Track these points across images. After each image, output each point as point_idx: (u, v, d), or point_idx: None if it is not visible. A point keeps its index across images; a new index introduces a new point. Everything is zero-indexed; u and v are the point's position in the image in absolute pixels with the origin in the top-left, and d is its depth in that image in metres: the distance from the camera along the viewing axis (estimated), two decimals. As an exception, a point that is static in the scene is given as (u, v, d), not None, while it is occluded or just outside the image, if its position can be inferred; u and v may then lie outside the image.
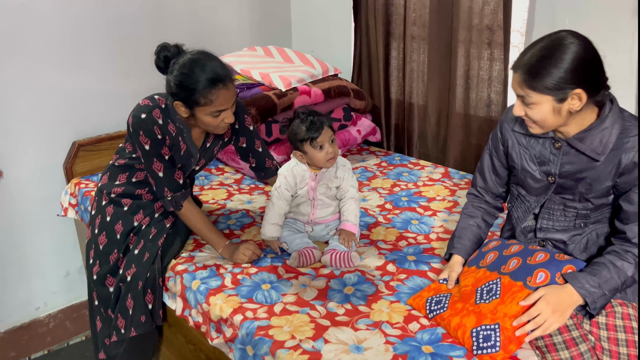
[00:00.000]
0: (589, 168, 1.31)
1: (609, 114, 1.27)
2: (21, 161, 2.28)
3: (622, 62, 1.90)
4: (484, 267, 1.43)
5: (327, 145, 1.66)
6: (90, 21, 2.33)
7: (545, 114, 1.24)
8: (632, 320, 1.33)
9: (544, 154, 1.37)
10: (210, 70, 1.50)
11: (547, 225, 1.43)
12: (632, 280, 1.27)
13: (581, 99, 1.21)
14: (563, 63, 1.18)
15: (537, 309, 1.22)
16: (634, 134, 1.26)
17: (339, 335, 1.36)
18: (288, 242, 1.75)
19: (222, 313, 1.48)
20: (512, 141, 1.44)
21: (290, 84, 2.39)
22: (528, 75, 1.21)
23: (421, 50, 2.55)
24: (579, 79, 1.19)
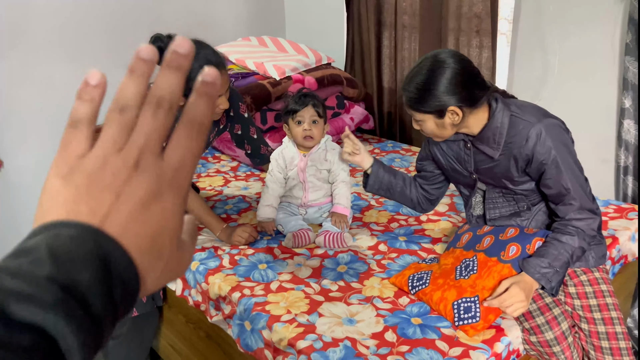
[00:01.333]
0: (494, 164, 1.41)
1: (495, 112, 1.36)
2: (22, 152, 2.33)
3: (605, 47, 1.97)
4: (460, 247, 1.51)
5: (306, 123, 1.74)
6: (90, 14, 2.38)
7: (432, 129, 1.38)
8: (601, 284, 1.40)
9: (460, 155, 1.48)
10: (202, 58, 1.55)
11: (495, 214, 1.51)
12: (580, 250, 1.34)
13: (457, 113, 1.32)
14: (437, 88, 1.29)
15: (510, 294, 1.28)
16: (520, 127, 1.34)
17: (333, 309, 1.43)
18: (283, 224, 1.82)
19: (221, 291, 1.55)
20: (436, 148, 1.55)
21: (284, 72, 2.45)
22: (409, 100, 1.36)
23: (412, 38, 2.61)
24: (452, 99, 1.30)
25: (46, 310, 0.26)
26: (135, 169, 0.32)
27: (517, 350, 1.35)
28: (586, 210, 1.35)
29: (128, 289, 0.31)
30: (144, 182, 0.32)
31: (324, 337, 1.31)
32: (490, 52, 2.28)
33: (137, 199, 0.32)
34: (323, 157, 1.81)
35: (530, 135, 1.31)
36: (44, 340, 0.26)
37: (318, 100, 1.77)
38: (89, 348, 0.28)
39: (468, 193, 1.56)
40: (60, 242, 0.29)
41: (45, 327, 0.26)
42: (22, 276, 0.27)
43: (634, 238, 1.77)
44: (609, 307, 1.36)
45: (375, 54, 2.74)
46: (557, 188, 1.34)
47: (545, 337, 1.30)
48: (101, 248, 0.30)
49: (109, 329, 0.30)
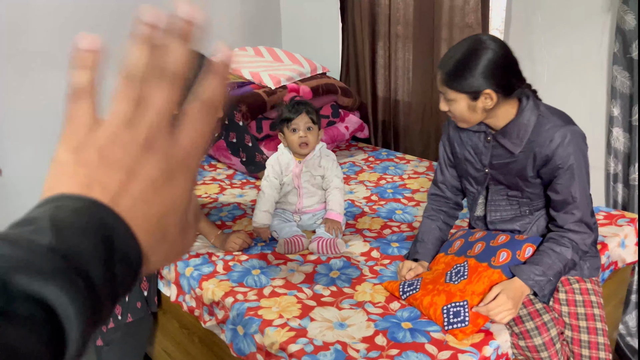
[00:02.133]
0: (512, 161, 1.42)
1: (525, 109, 1.38)
2: (20, 159, 2.35)
3: (593, 56, 2.00)
4: (452, 253, 1.53)
5: (301, 130, 1.76)
6: (87, 22, 2.42)
7: (462, 110, 1.36)
8: (591, 295, 1.42)
9: (479, 146, 1.48)
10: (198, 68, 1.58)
11: (496, 217, 1.52)
12: (572, 262, 1.37)
13: (492, 98, 1.32)
14: (476, 67, 1.30)
15: (498, 303, 1.30)
16: (546, 128, 1.36)
17: (324, 314, 1.45)
18: (278, 230, 1.84)
19: (214, 296, 1.57)
20: (455, 134, 1.55)
21: (280, 82, 2.48)
22: (446, 75, 1.34)
23: (406, 48, 2.65)
24: (489, 81, 1.30)
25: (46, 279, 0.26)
26: (145, 146, 0.32)
27: (506, 354, 1.36)
28: (584, 224, 1.37)
29: (130, 268, 0.30)
30: (155, 162, 0.32)
31: (315, 341, 1.33)
32: (482, 61, 2.31)
33: (148, 179, 0.31)
34: (317, 164, 1.84)
35: (554, 137, 1.33)
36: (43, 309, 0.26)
37: (311, 108, 1.80)
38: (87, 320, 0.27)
39: (474, 190, 1.54)
40: (65, 214, 0.29)
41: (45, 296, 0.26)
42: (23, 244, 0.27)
43: (624, 244, 1.79)
44: (596, 318, 1.38)
45: (369, 64, 2.77)
46: (565, 195, 1.36)
47: (534, 342, 1.32)
48: (106, 223, 0.29)
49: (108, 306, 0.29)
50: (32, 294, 0.26)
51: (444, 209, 1.64)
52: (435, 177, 1.67)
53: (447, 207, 1.64)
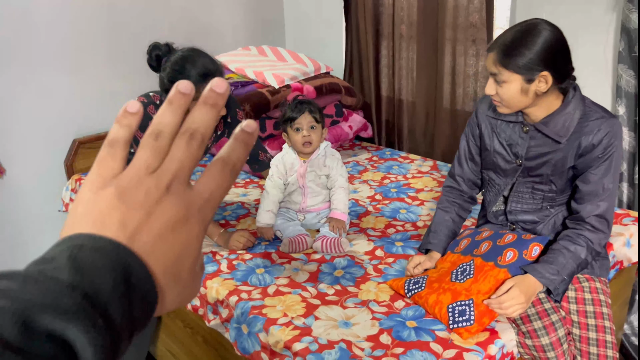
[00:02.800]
0: (553, 150, 1.40)
1: (572, 99, 1.37)
2: (23, 159, 2.36)
3: (598, 55, 1.99)
4: (458, 252, 1.52)
5: (305, 130, 1.76)
6: (89, 26, 2.42)
7: (513, 93, 1.33)
8: (600, 294, 1.41)
9: (513, 137, 1.46)
10: (200, 65, 1.57)
11: (516, 207, 1.51)
12: (585, 262, 1.36)
13: (547, 81, 1.30)
14: (534, 46, 1.28)
15: (511, 296, 1.29)
16: (594, 118, 1.36)
17: (329, 312, 1.44)
18: (282, 229, 1.83)
19: (219, 295, 1.57)
20: (485, 125, 1.53)
21: (283, 81, 2.48)
22: (502, 54, 1.31)
23: (409, 48, 2.65)
24: (546, 62, 1.28)
25: (68, 319, 0.27)
26: (167, 191, 0.34)
27: (511, 353, 1.36)
28: (605, 220, 1.37)
29: (146, 305, 0.31)
30: (175, 205, 0.34)
31: (319, 340, 1.33)
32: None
33: (167, 220, 0.33)
34: (322, 163, 1.84)
35: (602, 127, 1.33)
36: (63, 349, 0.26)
37: (315, 106, 1.80)
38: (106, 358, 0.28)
39: (501, 183, 1.52)
40: (84, 253, 0.30)
41: (66, 336, 0.27)
42: (45, 282, 0.28)
43: (629, 244, 1.78)
44: (604, 317, 1.38)
45: (373, 63, 2.77)
46: (596, 186, 1.35)
47: (541, 342, 1.31)
48: (124, 262, 0.31)
49: (125, 341, 0.30)
50: (53, 333, 0.26)
51: (458, 202, 1.64)
52: (452, 170, 1.66)
53: (461, 200, 1.64)
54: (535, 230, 1.50)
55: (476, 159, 1.60)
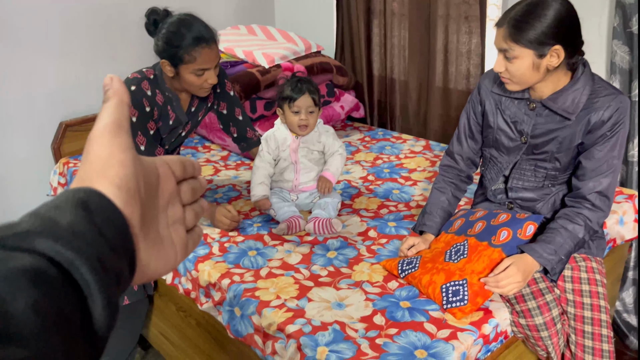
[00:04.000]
0: (561, 127, 1.38)
1: (581, 76, 1.35)
2: (10, 143, 2.31)
3: (593, 31, 1.97)
4: (452, 232, 1.51)
5: (303, 113, 1.73)
6: (76, 7, 2.36)
7: (524, 69, 1.30)
8: (596, 273, 1.41)
9: (518, 115, 1.44)
10: (195, 29, 1.58)
11: (518, 185, 1.50)
12: (583, 241, 1.36)
13: (559, 55, 1.27)
14: (545, 18, 1.25)
15: (508, 274, 1.29)
16: (603, 95, 1.34)
17: (322, 294, 1.43)
18: (276, 209, 1.81)
19: (211, 278, 1.55)
20: (489, 102, 1.50)
21: (274, 61, 2.43)
22: (513, 28, 1.28)
23: (401, 26, 2.60)
24: (559, 35, 1.25)
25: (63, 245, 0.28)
26: None
27: (505, 332, 1.36)
28: (606, 198, 1.36)
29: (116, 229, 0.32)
30: None
31: (313, 322, 1.32)
32: (479, 38, 2.28)
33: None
34: (316, 139, 1.81)
35: (612, 104, 1.31)
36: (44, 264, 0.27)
37: (314, 87, 1.76)
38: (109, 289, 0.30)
39: (504, 161, 1.50)
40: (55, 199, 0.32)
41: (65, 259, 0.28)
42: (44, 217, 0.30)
43: (622, 221, 1.78)
44: (599, 296, 1.37)
45: (365, 42, 2.73)
46: (600, 162, 1.34)
47: (535, 322, 1.31)
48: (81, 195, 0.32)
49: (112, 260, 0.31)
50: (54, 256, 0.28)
51: (455, 182, 1.62)
52: (451, 148, 1.63)
53: (458, 180, 1.62)
54: (534, 209, 1.49)
55: (476, 137, 1.58)
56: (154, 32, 1.64)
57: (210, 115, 2.39)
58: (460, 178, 1.62)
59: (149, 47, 2.57)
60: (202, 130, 2.55)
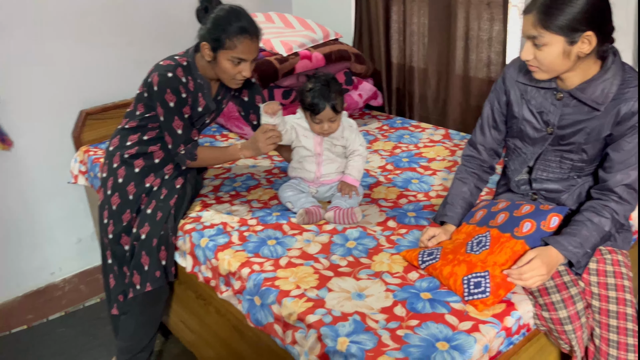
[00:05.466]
0: (589, 118, 1.35)
1: (611, 65, 1.31)
2: (31, 131, 2.33)
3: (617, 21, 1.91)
4: (473, 223, 1.49)
5: (325, 123, 1.74)
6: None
7: (554, 57, 1.27)
8: (622, 266, 1.39)
9: (545, 105, 1.41)
10: (243, 20, 1.65)
11: (542, 176, 1.47)
12: (609, 234, 1.33)
13: (591, 42, 1.23)
14: (577, 3, 1.21)
15: (532, 267, 1.27)
16: (634, 85, 1.30)
17: (342, 284, 1.43)
18: (293, 201, 1.81)
19: (231, 267, 1.56)
20: (514, 91, 1.47)
21: (292, 49, 2.42)
22: (543, 14, 1.24)
23: (421, 12, 2.56)
24: (591, 21, 1.22)
25: None
26: None
27: (527, 325, 1.34)
28: (633, 191, 1.33)
29: None
30: None
31: (333, 312, 1.32)
32: (502, 24, 2.23)
33: None
34: (339, 134, 1.81)
35: None
36: None
37: (337, 93, 1.73)
38: None
39: (528, 152, 1.48)
40: None
41: None
42: None
43: (647, 213, 1.74)
44: (625, 290, 1.35)
45: (383, 29, 2.69)
46: (628, 154, 1.31)
47: (559, 315, 1.29)
48: None
49: None
50: None
51: (477, 172, 1.60)
52: (474, 138, 1.61)
53: (480, 171, 1.60)
54: (559, 200, 1.46)
55: (500, 127, 1.55)
56: (203, 17, 1.68)
57: (228, 104, 2.38)
58: (482, 169, 1.60)
59: (167, 34, 2.58)
60: (220, 119, 2.55)
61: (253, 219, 1.78)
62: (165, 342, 2.29)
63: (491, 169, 1.62)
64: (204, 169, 2.08)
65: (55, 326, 2.48)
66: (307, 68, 2.41)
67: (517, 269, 1.27)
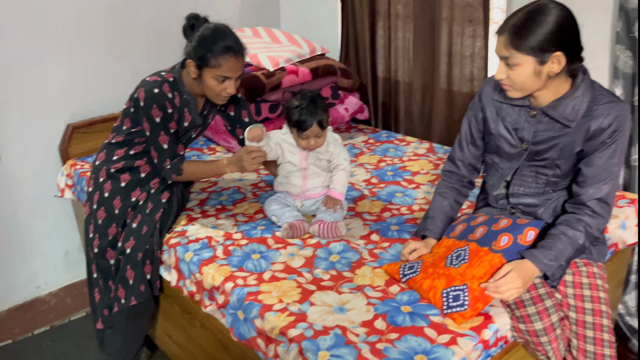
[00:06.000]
0: (561, 134, 1.39)
1: (581, 83, 1.35)
2: (18, 144, 2.34)
3: (597, 36, 1.97)
4: (453, 237, 1.52)
5: (312, 139, 1.77)
6: (84, 9, 2.38)
7: (526, 76, 1.31)
8: (597, 278, 1.42)
9: (519, 122, 1.45)
10: (228, 39, 1.67)
11: (519, 191, 1.51)
12: (583, 247, 1.37)
13: (560, 62, 1.28)
14: (546, 25, 1.26)
15: (508, 280, 1.30)
16: (603, 102, 1.34)
17: (324, 298, 1.45)
18: (278, 215, 1.83)
19: (214, 281, 1.57)
20: (490, 109, 1.51)
21: (278, 63, 2.45)
22: (514, 35, 1.28)
23: (406, 28, 2.61)
24: (559, 42, 1.26)
25: None
26: None
27: (505, 337, 1.37)
28: (606, 204, 1.37)
29: None
30: None
31: (314, 326, 1.33)
32: (483, 41, 2.28)
33: None
34: (324, 148, 1.84)
35: (612, 112, 1.33)
36: None
37: (323, 110, 1.76)
38: None
39: (505, 167, 1.52)
40: None
41: None
42: None
43: (624, 226, 1.78)
44: (601, 301, 1.38)
45: (369, 44, 2.74)
46: (600, 169, 1.35)
47: (534, 327, 1.32)
48: None
49: None
50: None
51: (457, 187, 1.63)
52: (453, 154, 1.65)
53: (460, 186, 1.64)
54: (535, 214, 1.50)
55: (478, 143, 1.59)
56: (190, 35, 1.71)
57: (216, 117, 2.41)
58: (462, 183, 1.63)
59: (157, 50, 2.60)
60: (208, 132, 2.57)
61: (238, 232, 1.80)
62: (151, 356, 2.29)
63: (470, 183, 1.66)
64: (190, 183, 2.10)
65: (41, 340, 2.47)
66: (293, 83, 2.45)
67: (493, 282, 1.30)
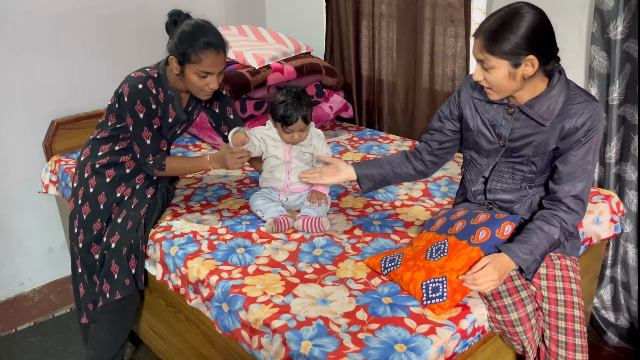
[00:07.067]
0: (536, 132, 1.44)
1: (556, 83, 1.40)
2: (2, 141, 2.33)
3: (572, 37, 2.03)
4: (433, 231, 1.56)
5: (296, 133, 1.81)
6: (67, 4, 2.38)
7: (501, 79, 1.36)
8: (570, 271, 1.47)
9: (497, 119, 1.49)
10: (209, 35, 1.69)
11: (496, 187, 1.56)
12: (558, 242, 1.42)
13: (534, 65, 1.33)
14: (519, 30, 1.30)
15: (485, 273, 1.34)
16: (577, 102, 1.39)
17: (307, 290, 1.48)
18: (263, 209, 1.86)
19: (199, 275, 1.59)
20: (469, 106, 1.56)
21: (264, 61, 2.47)
22: (488, 40, 1.33)
23: (390, 27, 2.65)
24: (532, 45, 1.30)
25: None
26: None
27: (482, 327, 1.42)
28: (581, 201, 1.42)
29: None
30: None
31: (298, 317, 1.37)
32: (464, 41, 2.33)
33: None
34: (308, 142, 1.87)
35: (585, 111, 1.37)
36: None
37: (307, 106, 1.79)
38: None
39: (483, 163, 1.56)
40: None
41: None
42: None
43: (598, 221, 1.84)
44: (573, 293, 1.43)
45: (354, 43, 2.77)
46: (575, 167, 1.40)
47: (510, 317, 1.37)
48: None
49: None
50: None
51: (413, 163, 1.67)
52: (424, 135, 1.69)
53: (417, 163, 1.67)
54: (512, 210, 1.54)
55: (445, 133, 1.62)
56: (172, 31, 1.73)
57: (201, 114, 2.42)
58: (418, 165, 1.67)
59: (142, 46, 2.61)
60: (193, 129, 2.59)
61: (223, 227, 1.83)
62: (136, 350, 2.30)
63: (421, 173, 1.69)
64: (175, 179, 2.11)
65: (24, 336, 2.47)
66: (278, 80, 2.48)
67: (471, 275, 1.35)
